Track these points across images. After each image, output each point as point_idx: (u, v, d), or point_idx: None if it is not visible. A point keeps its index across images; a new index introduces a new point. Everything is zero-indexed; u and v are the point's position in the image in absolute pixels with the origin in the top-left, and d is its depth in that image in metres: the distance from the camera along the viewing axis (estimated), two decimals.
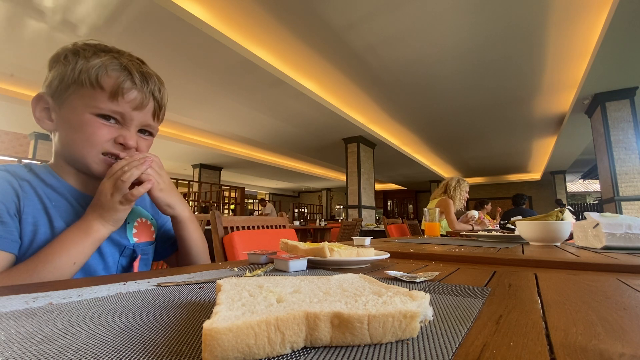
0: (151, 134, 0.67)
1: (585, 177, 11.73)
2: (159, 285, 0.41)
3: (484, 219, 3.12)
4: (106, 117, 0.58)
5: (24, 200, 0.55)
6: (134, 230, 0.69)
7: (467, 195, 2.96)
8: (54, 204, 0.58)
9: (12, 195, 0.54)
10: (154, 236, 0.73)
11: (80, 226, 0.55)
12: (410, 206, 14.99)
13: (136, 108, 0.60)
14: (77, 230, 0.55)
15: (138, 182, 0.59)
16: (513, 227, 1.61)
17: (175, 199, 0.67)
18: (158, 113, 0.65)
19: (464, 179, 2.99)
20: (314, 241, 1.38)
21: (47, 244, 0.54)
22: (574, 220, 1.47)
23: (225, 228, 1.19)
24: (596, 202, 13.85)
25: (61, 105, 0.58)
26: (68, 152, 0.60)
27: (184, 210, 0.69)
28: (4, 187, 0.54)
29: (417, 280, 0.45)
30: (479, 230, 1.82)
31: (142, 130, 0.64)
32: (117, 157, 0.60)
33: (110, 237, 0.62)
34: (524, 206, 4.78)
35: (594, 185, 14.42)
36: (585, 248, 0.96)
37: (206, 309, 0.30)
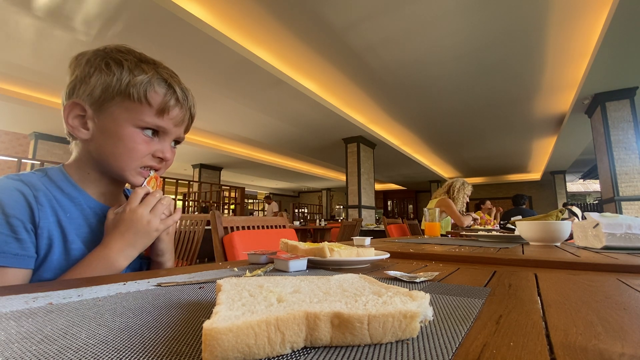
0: (178, 143, 0.69)
1: (585, 177, 11.73)
2: (159, 285, 0.41)
3: (484, 218, 3.13)
4: (148, 131, 0.59)
5: (38, 213, 0.53)
6: None
7: (468, 198, 2.96)
8: (68, 216, 0.57)
9: (28, 209, 0.53)
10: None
11: (101, 256, 0.55)
12: (410, 206, 14.99)
13: (177, 124, 0.62)
14: (98, 262, 0.55)
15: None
16: (513, 227, 1.61)
17: (170, 247, 0.70)
18: (189, 126, 0.67)
19: (467, 182, 2.99)
20: (314, 241, 1.38)
21: (60, 259, 0.54)
22: (579, 213, 1.47)
23: (225, 228, 1.19)
24: (596, 202, 13.84)
25: (100, 114, 0.57)
26: (105, 161, 0.59)
27: (169, 261, 0.70)
28: (20, 201, 0.52)
29: (417, 280, 0.45)
30: (478, 230, 1.82)
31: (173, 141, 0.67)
32: (152, 169, 0.63)
33: None
34: (524, 206, 4.78)
35: (594, 185, 14.42)
36: (585, 248, 0.96)
37: (206, 309, 0.30)
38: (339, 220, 7.45)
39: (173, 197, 7.18)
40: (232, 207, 8.85)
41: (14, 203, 0.51)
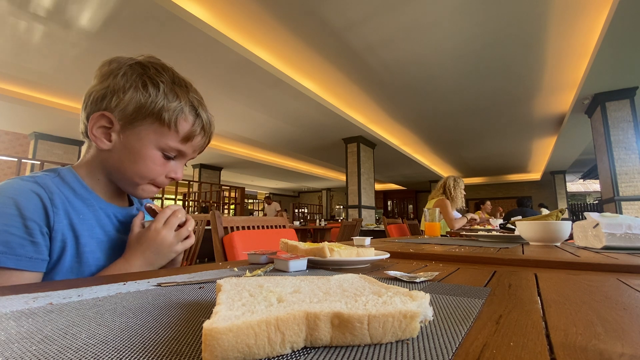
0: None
1: (585, 177, 11.73)
2: (159, 285, 0.41)
3: (484, 218, 3.12)
4: (169, 156, 0.62)
5: (54, 217, 0.53)
6: None
7: (463, 192, 2.97)
8: (81, 217, 0.57)
9: (44, 212, 0.53)
10: None
11: (122, 269, 0.57)
12: (410, 206, 14.99)
13: (195, 150, 0.65)
14: (113, 270, 0.57)
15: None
16: (513, 227, 1.61)
17: (179, 258, 0.72)
18: (204, 148, 0.69)
19: (460, 177, 3.01)
20: (314, 241, 1.38)
21: (72, 261, 0.55)
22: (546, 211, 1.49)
23: (225, 228, 1.19)
24: (596, 202, 13.85)
25: (127, 130, 0.58)
26: (120, 174, 0.61)
27: (177, 264, 0.72)
28: (37, 204, 0.52)
29: (417, 280, 0.45)
30: (478, 231, 1.82)
31: None
32: (159, 186, 0.65)
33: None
34: (529, 207, 4.79)
35: (594, 185, 14.42)
36: (585, 248, 0.96)
37: (206, 309, 0.30)
38: (339, 220, 7.45)
39: (173, 197, 7.20)
40: (232, 207, 8.85)
41: (31, 206, 0.51)
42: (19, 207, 0.50)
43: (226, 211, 8.81)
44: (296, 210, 12.88)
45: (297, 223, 6.42)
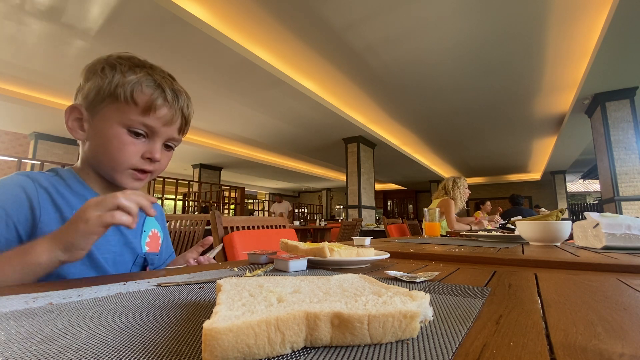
0: (173, 148, 0.68)
1: (585, 177, 11.73)
2: (159, 285, 0.41)
3: (483, 219, 3.12)
4: (136, 133, 0.59)
5: (39, 210, 0.54)
6: (147, 240, 0.70)
7: (467, 190, 2.95)
8: (74, 212, 0.56)
9: (26, 204, 0.53)
10: (159, 248, 0.75)
11: (26, 244, 0.48)
12: (410, 206, 14.98)
13: (165, 124, 0.62)
14: (20, 247, 0.48)
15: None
16: (513, 227, 1.61)
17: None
18: (184, 128, 0.67)
19: (461, 176, 2.99)
20: (314, 241, 1.38)
21: None
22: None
23: (225, 228, 1.19)
24: (596, 202, 13.84)
25: (94, 116, 0.59)
26: (98, 161, 0.62)
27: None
28: (17, 195, 0.53)
29: (417, 280, 0.45)
30: (478, 231, 1.82)
31: (166, 144, 0.66)
32: (144, 171, 0.62)
33: (128, 243, 0.64)
34: (522, 205, 4.79)
35: (594, 185, 14.42)
36: (585, 248, 0.96)
37: (206, 309, 0.30)
38: (339, 220, 7.45)
39: (173, 197, 7.20)
40: (232, 207, 8.85)
41: (9, 197, 0.53)
42: None
43: (226, 211, 8.81)
44: (296, 210, 12.88)
45: (297, 223, 6.42)
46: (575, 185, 14.60)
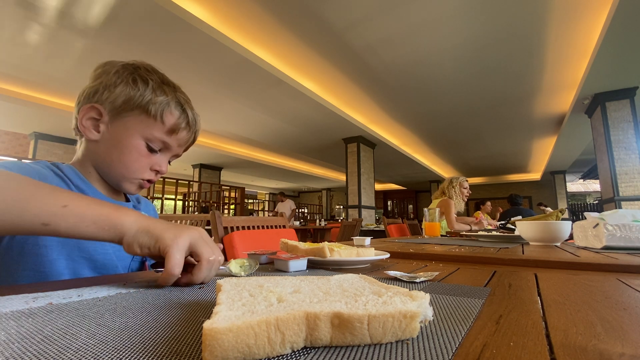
0: (174, 158, 0.72)
1: (585, 177, 11.72)
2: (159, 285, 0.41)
3: (483, 219, 3.12)
4: (153, 148, 0.63)
5: None
6: None
7: (466, 190, 2.94)
8: None
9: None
10: None
11: (112, 207, 0.43)
12: (410, 206, 14.98)
13: (180, 145, 0.67)
14: (103, 206, 0.43)
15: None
16: (513, 227, 1.61)
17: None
18: (190, 146, 0.71)
19: (459, 176, 2.98)
20: (314, 241, 1.38)
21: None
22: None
23: (225, 228, 1.19)
24: (596, 202, 13.84)
25: (114, 121, 0.60)
26: (107, 165, 0.62)
27: None
28: (43, 173, 0.56)
29: (417, 280, 0.45)
30: (478, 231, 1.82)
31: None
32: (149, 181, 0.65)
33: None
34: (522, 205, 4.79)
35: (594, 185, 14.42)
36: (585, 248, 0.96)
37: (206, 309, 0.30)
38: (339, 220, 7.44)
39: (173, 197, 7.20)
40: (232, 207, 8.85)
41: (33, 174, 0.54)
42: None
43: (226, 211, 8.81)
44: (296, 210, 12.87)
45: (297, 223, 6.42)
46: (575, 185, 14.60)
